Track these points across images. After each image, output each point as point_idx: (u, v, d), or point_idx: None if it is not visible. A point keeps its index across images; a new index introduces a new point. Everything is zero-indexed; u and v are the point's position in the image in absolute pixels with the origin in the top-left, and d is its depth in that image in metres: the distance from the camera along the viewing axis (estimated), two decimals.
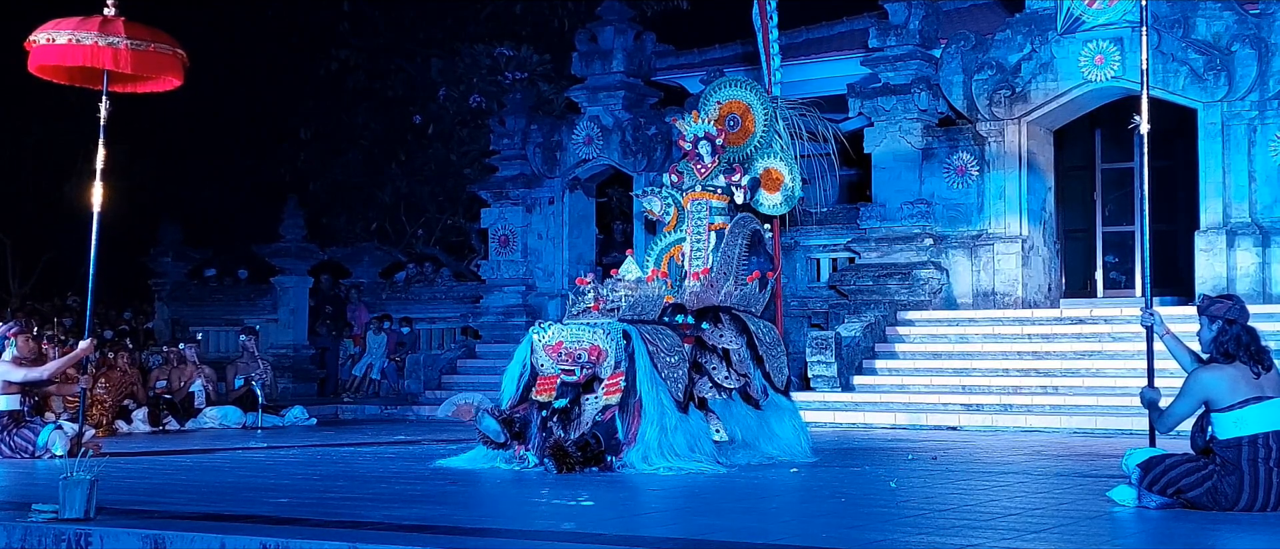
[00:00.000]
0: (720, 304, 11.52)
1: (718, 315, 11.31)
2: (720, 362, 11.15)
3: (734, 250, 12.03)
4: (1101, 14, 17.69)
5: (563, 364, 10.37)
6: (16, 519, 7.50)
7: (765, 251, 12.41)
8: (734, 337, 11.25)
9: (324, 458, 12.04)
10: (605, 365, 10.32)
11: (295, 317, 23.32)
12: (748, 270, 12.01)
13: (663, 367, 10.41)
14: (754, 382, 11.33)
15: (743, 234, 12.20)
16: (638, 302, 10.98)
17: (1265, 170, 17.05)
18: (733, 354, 11.19)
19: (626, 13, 22.19)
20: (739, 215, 12.51)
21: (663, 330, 10.75)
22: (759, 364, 11.36)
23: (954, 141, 18.90)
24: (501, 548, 6.55)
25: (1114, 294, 19.84)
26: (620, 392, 10.24)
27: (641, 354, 10.31)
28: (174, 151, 28.73)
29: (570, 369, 10.35)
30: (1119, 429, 13.85)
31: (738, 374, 11.20)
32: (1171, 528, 6.96)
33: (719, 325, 11.25)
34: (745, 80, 18.23)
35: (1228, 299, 7.79)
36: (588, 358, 10.33)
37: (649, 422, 10.20)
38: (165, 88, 12.20)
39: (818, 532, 6.94)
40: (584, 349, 10.34)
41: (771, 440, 11.25)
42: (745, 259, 12.11)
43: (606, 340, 10.31)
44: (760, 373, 11.37)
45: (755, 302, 11.80)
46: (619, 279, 11.18)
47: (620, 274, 11.31)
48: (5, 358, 12.33)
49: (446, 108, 27.72)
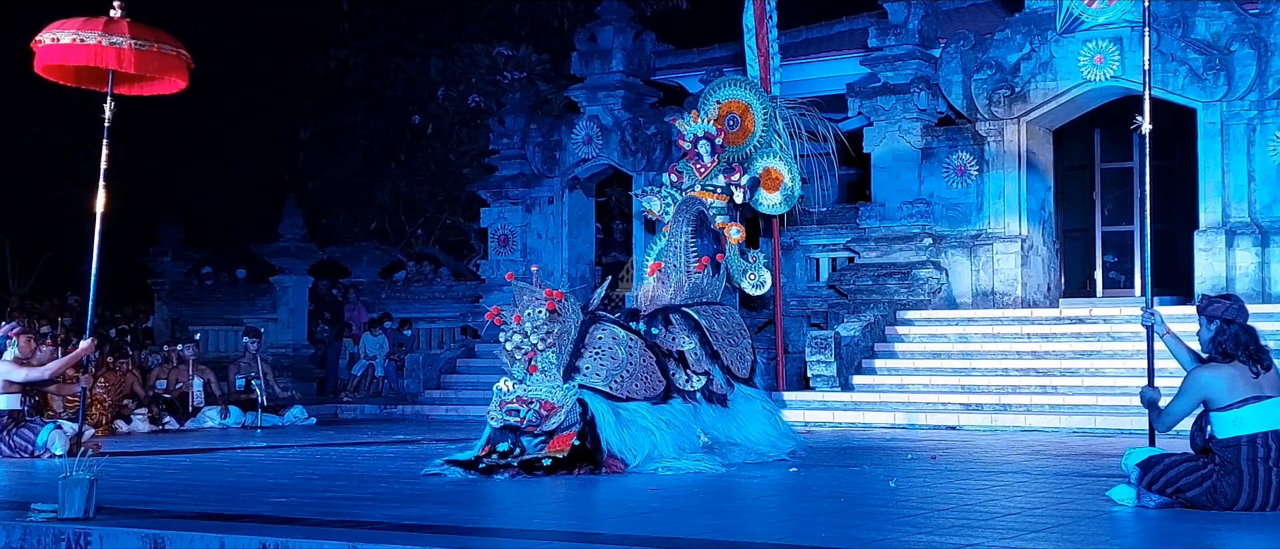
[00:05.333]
0: (669, 304, 11.30)
1: (667, 316, 11.10)
2: (677, 365, 10.91)
3: (680, 239, 11.76)
4: (1101, 14, 17.69)
5: (509, 406, 10.04)
6: (16, 519, 7.50)
7: (710, 231, 12.17)
8: (686, 336, 11.04)
9: (324, 457, 12.04)
10: (552, 421, 9.99)
11: (294, 316, 23.32)
12: (696, 257, 11.83)
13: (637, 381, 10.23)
14: (715, 378, 11.11)
15: (686, 219, 11.90)
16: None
17: (1264, 170, 17.05)
18: (688, 355, 10.99)
19: (626, 12, 22.19)
20: (683, 199, 12.27)
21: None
22: (716, 359, 11.13)
23: (953, 141, 18.89)
24: (501, 548, 6.56)
25: (1113, 294, 19.84)
26: (568, 447, 9.91)
27: (606, 419, 10.02)
28: (174, 151, 28.72)
29: (515, 410, 10.01)
30: (1118, 429, 13.85)
31: (696, 374, 10.98)
32: (1171, 528, 6.96)
33: (670, 327, 11.04)
34: (745, 80, 18.25)
35: (1227, 299, 7.79)
36: (539, 408, 9.98)
37: (629, 451, 10.03)
38: (170, 89, 12.22)
39: (817, 531, 6.94)
40: (539, 401, 9.99)
41: (744, 436, 11.07)
42: (693, 247, 11.90)
43: (562, 400, 9.99)
44: (718, 368, 11.14)
45: (707, 290, 11.55)
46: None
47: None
48: (6, 357, 12.35)
49: (445, 107, 27.71)
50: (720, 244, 12.11)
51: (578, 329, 10.28)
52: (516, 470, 9.77)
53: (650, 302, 11.46)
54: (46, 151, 27.18)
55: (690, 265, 11.71)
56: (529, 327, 10.06)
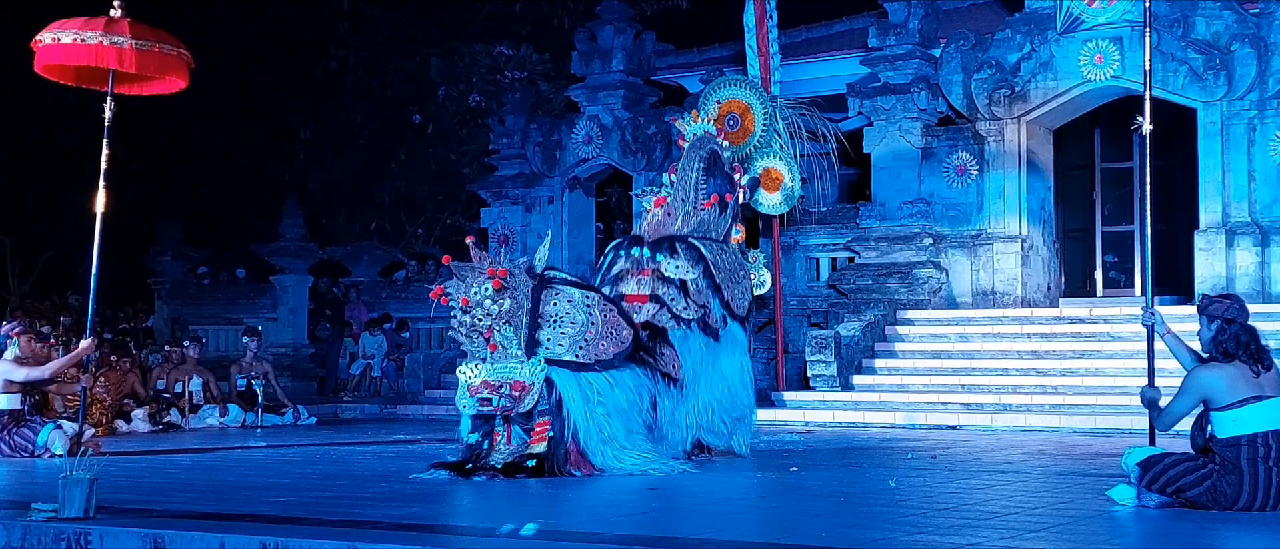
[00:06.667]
0: (675, 233, 11.31)
1: (674, 245, 11.12)
2: (678, 292, 10.94)
3: (690, 175, 11.76)
4: (1101, 13, 17.69)
5: (479, 395, 9.89)
6: (16, 518, 7.50)
7: (723, 172, 12.17)
8: (690, 266, 11.05)
9: (324, 457, 12.04)
10: (525, 402, 9.83)
11: (295, 316, 23.32)
12: (706, 194, 11.84)
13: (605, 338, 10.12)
14: (713, 311, 11.11)
15: (699, 156, 11.89)
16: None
17: (1264, 170, 17.06)
18: (690, 284, 10.99)
19: (626, 12, 22.20)
20: (696, 137, 12.28)
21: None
22: (717, 293, 11.14)
23: (953, 141, 18.90)
24: (501, 548, 6.55)
25: (1113, 293, 19.84)
26: (546, 441, 9.79)
27: (573, 400, 9.90)
28: (173, 151, 28.71)
29: (486, 399, 9.86)
30: (1118, 428, 13.85)
31: (696, 305, 10.98)
32: (1171, 527, 6.96)
33: (675, 255, 11.05)
34: (745, 79, 18.25)
35: (1227, 298, 7.79)
36: (510, 391, 9.82)
37: (596, 451, 9.91)
38: (170, 89, 12.21)
39: (817, 531, 6.94)
40: (508, 383, 9.83)
41: (712, 385, 11.01)
42: (703, 184, 11.90)
43: (530, 378, 9.85)
44: (719, 301, 11.15)
45: (714, 227, 11.55)
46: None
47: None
48: (7, 357, 12.35)
49: (446, 107, 27.72)
50: (731, 185, 12.07)
51: (531, 297, 10.09)
52: (496, 473, 9.65)
53: (654, 232, 11.42)
54: (46, 151, 27.17)
55: (699, 201, 11.69)
56: (480, 312, 9.88)
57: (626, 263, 11.18)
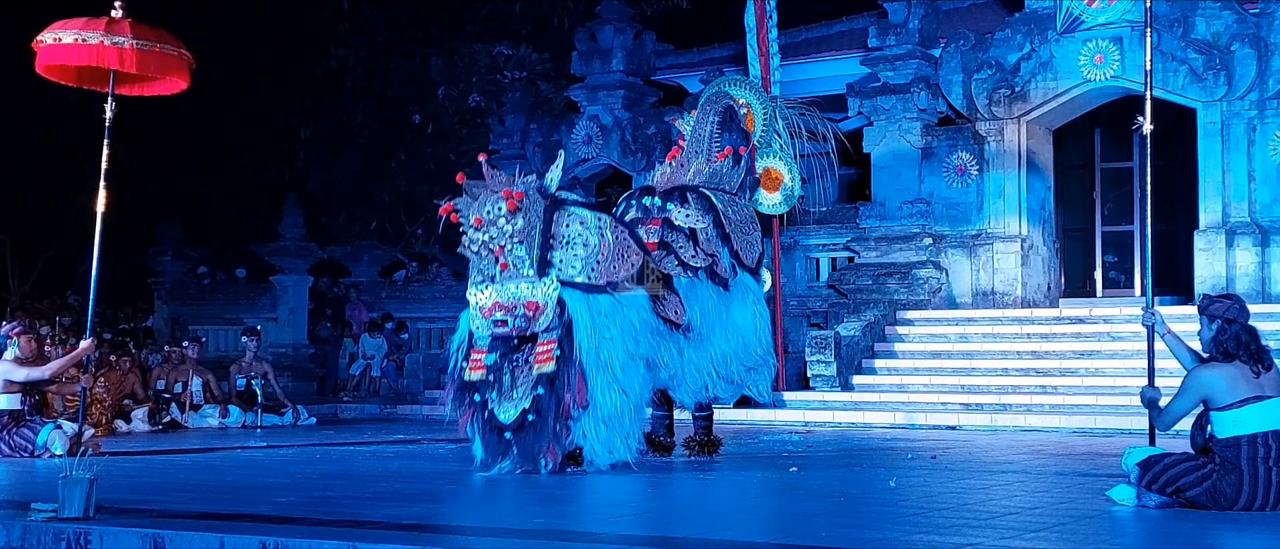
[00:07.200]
0: (687, 183, 11.33)
1: (685, 194, 11.14)
2: (687, 240, 10.94)
3: (706, 128, 11.82)
4: (1101, 13, 17.70)
5: (495, 316, 9.86)
6: (16, 518, 7.50)
7: (739, 128, 12.22)
8: (700, 215, 11.06)
9: (323, 457, 12.04)
10: (540, 321, 9.81)
11: (294, 316, 23.30)
12: (721, 147, 11.87)
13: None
14: (722, 260, 11.13)
15: (714, 110, 11.96)
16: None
17: (1264, 170, 17.06)
18: (699, 233, 11.00)
19: (626, 12, 22.20)
20: (711, 92, 12.33)
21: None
22: (727, 242, 11.16)
23: (953, 141, 18.91)
24: (501, 548, 6.55)
25: (1113, 293, 19.84)
26: (553, 360, 9.76)
27: (582, 321, 9.85)
28: (173, 151, 28.70)
29: (502, 320, 9.84)
30: (1118, 428, 13.85)
31: (705, 253, 10.99)
32: (1171, 527, 6.96)
33: (685, 205, 11.07)
34: (745, 79, 18.24)
35: (1227, 298, 7.79)
36: (524, 311, 9.82)
37: (597, 409, 9.84)
38: (171, 90, 12.21)
39: (817, 530, 6.94)
40: (521, 304, 9.83)
41: (726, 333, 11.02)
42: (718, 137, 11.93)
43: (544, 297, 9.83)
44: (728, 251, 11.17)
45: (727, 179, 11.57)
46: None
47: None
48: (7, 357, 12.34)
49: (446, 107, 27.71)
50: (745, 139, 12.12)
51: (543, 218, 10.09)
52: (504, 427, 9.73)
53: (667, 183, 11.43)
54: (46, 151, 27.15)
55: (712, 153, 11.71)
56: (494, 231, 9.90)
57: (637, 212, 11.19)
